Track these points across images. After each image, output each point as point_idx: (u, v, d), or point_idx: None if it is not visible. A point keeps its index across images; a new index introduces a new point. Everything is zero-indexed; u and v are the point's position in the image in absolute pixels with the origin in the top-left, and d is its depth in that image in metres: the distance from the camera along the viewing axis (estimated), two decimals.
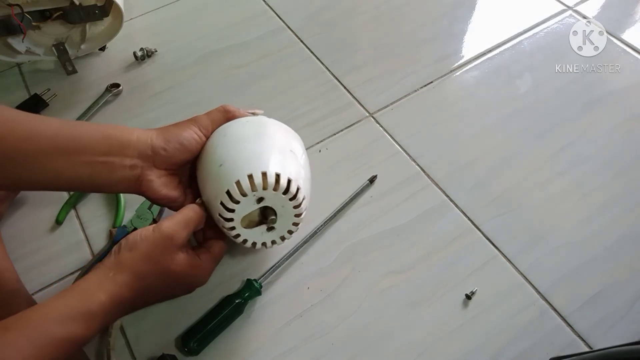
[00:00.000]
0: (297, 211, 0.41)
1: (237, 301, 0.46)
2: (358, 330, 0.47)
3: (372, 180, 0.56)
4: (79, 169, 0.37)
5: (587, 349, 0.46)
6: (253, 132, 0.42)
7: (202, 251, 0.40)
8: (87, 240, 0.53)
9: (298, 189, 0.39)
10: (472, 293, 0.48)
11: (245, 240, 0.42)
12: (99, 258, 0.45)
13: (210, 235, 0.43)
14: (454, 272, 0.50)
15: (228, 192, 0.38)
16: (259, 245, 0.43)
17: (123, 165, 0.39)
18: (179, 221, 0.38)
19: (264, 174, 0.38)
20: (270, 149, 0.41)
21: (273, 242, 0.43)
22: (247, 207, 0.39)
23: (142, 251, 0.36)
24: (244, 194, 0.38)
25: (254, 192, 0.38)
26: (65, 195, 0.56)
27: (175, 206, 0.42)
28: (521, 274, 0.50)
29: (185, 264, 0.37)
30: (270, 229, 0.42)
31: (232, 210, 0.39)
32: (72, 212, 0.55)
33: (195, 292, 0.46)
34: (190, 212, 0.39)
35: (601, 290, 0.49)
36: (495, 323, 0.47)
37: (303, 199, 0.40)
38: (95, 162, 0.38)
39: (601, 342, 0.46)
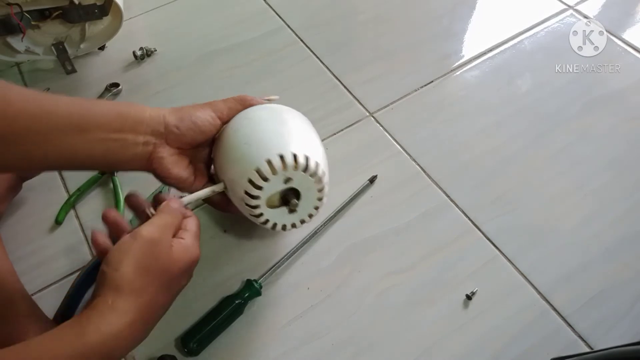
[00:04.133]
0: (320, 195, 0.41)
1: (237, 302, 0.46)
2: (358, 330, 0.47)
3: (372, 180, 0.56)
4: (94, 146, 0.37)
5: (587, 350, 0.46)
6: (275, 116, 0.43)
7: (181, 233, 0.37)
8: (87, 240, 0.53)
9: (324, 173, 0.40)
10: (473, 293, 0.48)
11: (266, 221, 0.41)
12: (97, 262, 0.44)
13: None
14: (454, 272, 0.50)
15: (258, 170, 0.38)
16: (279, 227, 0.42)
17: (136, 142, 0.38)
18: (159, 225, 0.36)
19: (295, 155, 0.38)
20: (296, 132, 0.41)
21: (293, 225, 0.42)
22: (275, 186, 0.39)
23: (131, 265, 0.32)
24: (274, 173, 0.38)
25: (284, 172, 0.38)
26: (64, 196, 0.56)
27: (184, 187, 0.42)
28: (522, 274, 0.50)
29: (179, 255, 0.35)
30: (292, 211, 0.41)
31: (260, 188, 0.38)
32: (72, 212, 0.55)
33: (195, 293, 0.46)
34: (168, 216, 0.37)
35: (602, 290, 0.49)
36: (496, 323, 0.47)
37: (326, 183, 0.41)
38: (109, 139, 0.37)
39: (602, 342, 0.46)
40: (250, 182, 0.38)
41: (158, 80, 0.67)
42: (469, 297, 0.48)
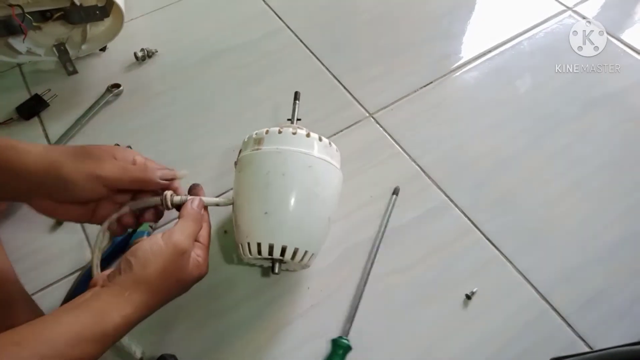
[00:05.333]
0: (303, 269, 0.46)
1: None
2: (358, 330, 0.47)
3: (396, 192, 0.55)
4: None
5: (587, 350, 0.46)
6: (310, 189, 0.42)
7: (197, 245, 0.39)
8: (87, 240, 0.53)
9: (314, 258, 0.43)
10: (472, 293, 0.48)
11: (249, 263, 0.45)
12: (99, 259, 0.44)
13: None
14: (454, 272, 0.50)
15: (259, 245, 0.41)
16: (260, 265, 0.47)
17: (12, 195, 0.38)
18: (190, 235, 0.37)
19: (296, 250, 0.41)
20: (316, 222, 0.43)
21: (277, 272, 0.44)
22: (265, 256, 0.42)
23: (158, 268, 0.35)
24: (270, 254, 0.41)
25: (281, 257, 0.41)
26: None
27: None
28: (521, 274, 0.50)
29: (192, 270, 0.37)
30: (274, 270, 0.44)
31: (252, 254, 0.42)
32: None
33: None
34: (193, 224, 0.39)
35: (601, 290, 0.49)
36: (496, 323, 0.47)
37: (313, 261, 0.44)
38: None
39: (601, 342, 0.46)
40: (249, 245, 0.42)
41: (159, 81, 0.68)
42: (468, 297, 0.48)
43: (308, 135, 0.44)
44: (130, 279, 0.34)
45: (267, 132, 0.44)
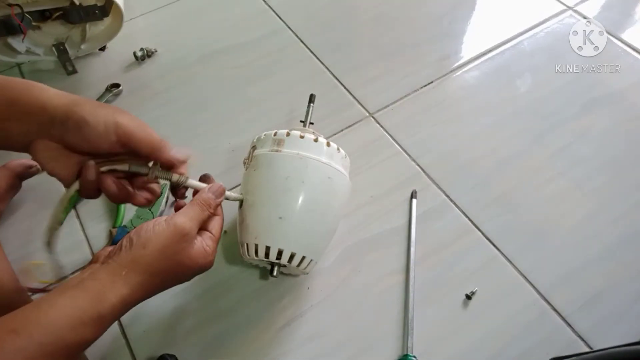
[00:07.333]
0: (303, 274, 0.47)
1: None
2: (358, 330, 0.47)
3: (414, 195, 0.55)
4: None
5: (587, 349, 0.46)
6: (327, 201, 0.43)
7: (206, 235, 0.38)
8: (87, 240, 0.53)
9: (316, 264, 0.44)
10: (472, 293, 0.48)
11: (250, 262, 0.45)
12: None
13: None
14: (454, 272, 0.50)
15: (268, 249, 0.41)
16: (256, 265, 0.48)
17: (19, 132, 0.34)
18: (193, 218, 0.37)
19: (303, 258, 0.42)
20: (326, 233, 0.44)
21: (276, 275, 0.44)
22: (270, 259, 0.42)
23: (157, 248, 0.34)
24: (278, 259, 0.41)
25: (288, 263, 0.42)
26: None
27: (63, 183, 0.38)
28: (521, 274, 0.50)
29: (197, 257, 0.36)
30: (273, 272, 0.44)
31: (258, 256, 0.42)
32: (72, 212, 0.55)
33: None
34: (200, 210, 0.38)
35: (601, 290, 0.49)
36: (495, 323, 0.47)
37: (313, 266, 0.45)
38: None
39: (601, 342, 0.46)
40: (256, 247, 0.42)
41: (158, 81, 0.68)
42: (468, 297, 0.48)
43: (328, 144, 0.44)
44: (129, 257, 0.34)
45: (287, 134, 0.43)
